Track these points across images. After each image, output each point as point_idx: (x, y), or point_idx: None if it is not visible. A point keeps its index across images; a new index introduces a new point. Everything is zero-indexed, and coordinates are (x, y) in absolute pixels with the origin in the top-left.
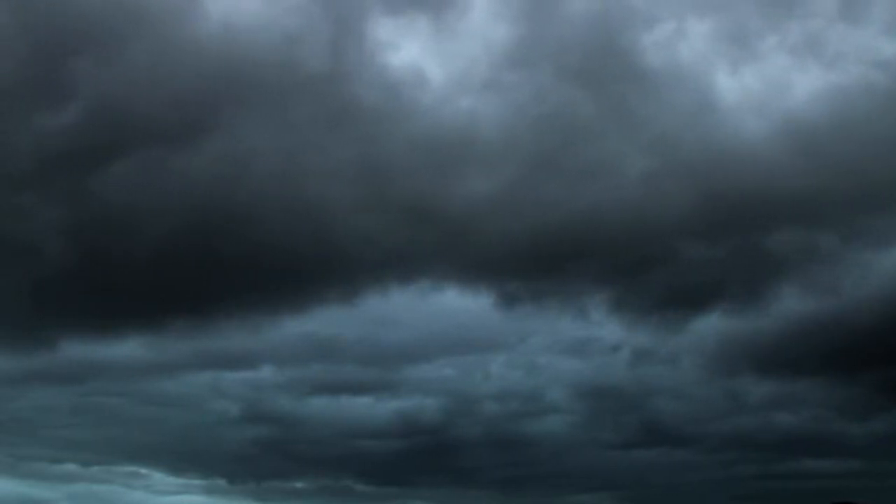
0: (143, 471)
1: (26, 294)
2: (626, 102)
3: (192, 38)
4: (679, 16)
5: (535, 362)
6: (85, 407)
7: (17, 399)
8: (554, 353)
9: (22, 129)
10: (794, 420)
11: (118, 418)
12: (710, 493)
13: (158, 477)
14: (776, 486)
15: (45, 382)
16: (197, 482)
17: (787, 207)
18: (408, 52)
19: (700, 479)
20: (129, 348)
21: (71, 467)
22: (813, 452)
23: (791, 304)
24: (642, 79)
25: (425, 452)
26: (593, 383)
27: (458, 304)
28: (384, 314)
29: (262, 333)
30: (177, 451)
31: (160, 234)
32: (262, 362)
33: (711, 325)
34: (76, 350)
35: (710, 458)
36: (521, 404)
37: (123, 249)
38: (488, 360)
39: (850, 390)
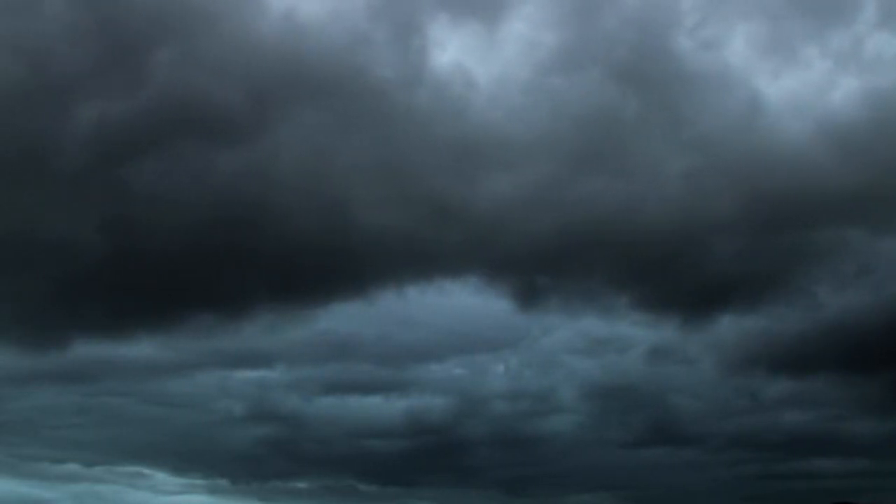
0: (146, 471)
1: (43, 292)
2: (668, 103)
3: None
4: (723, 19)
5: (549, 361)
6: (90, 407)
7: (21, 398)
8: (570, 353)
9: (59, 125)
10: (811, 418)
11: (122, 418)
12: (720, 493)
13: (161, 477)
14: (789, 486)
15: (53, 382)
16: (202, 482)
17: (823, 206)
18: (455, 52)
19: (710, 478)
20: (142, 348)
21: (73, 467)
22: (829, 451)
23: (822, 301)
24: (685, 81)
25: (431, 452)
26: (608, 382)
27: (477, 304)
28: (402, 313)
29: (278, 332)
30: (186, 450)
31: (180, 231)
32: (277, 361)
33: (736, 324)
34: (89, 349)
35: (720, 457)
36: (532, 404)
37: (146, 246)
38: (503, 359)
39: (870, 388)
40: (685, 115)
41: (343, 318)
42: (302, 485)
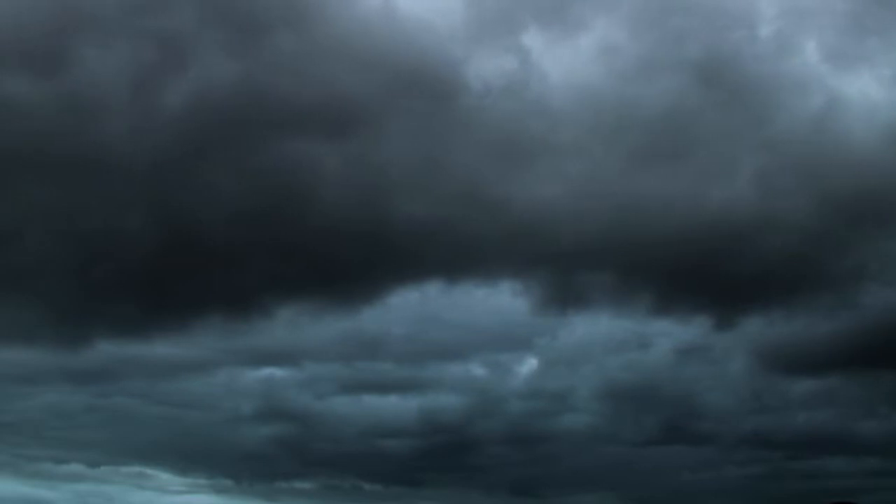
0: (151, 471)
1: (72, 291)
2: (742, 105)
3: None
4: (793, 21)
5: (575, 360)
6: (97, 407)
7: (27, 398)
8: (596, 351)
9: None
10: (830, 416)
11: (128, 418)
12: (731, 493)
13: (167, 477)
14: (802, 486)
15: (64, 381)
16: (208, 482)
17: (888, 206)
18: (531, 54)
19: (721, 478)
20: (161, 346)
21: (77, 467)
22: (845, 450)
23: (867, 298)
24: (755, 82)
25: (440, 452)
26: (630, 381)
27: (506, 302)
28: (429, 311)
29: (303, 331)
30: (196, 450)
31: (208, 228)
32: (301, 360)
33: (771, 323)
34: (108, 349)
35: (733, 456)
36: (550, 403)
37: (178, 241)
38: (528, 358)
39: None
40: (758, 116)
41: (373, 317)
42: (306, 485)
